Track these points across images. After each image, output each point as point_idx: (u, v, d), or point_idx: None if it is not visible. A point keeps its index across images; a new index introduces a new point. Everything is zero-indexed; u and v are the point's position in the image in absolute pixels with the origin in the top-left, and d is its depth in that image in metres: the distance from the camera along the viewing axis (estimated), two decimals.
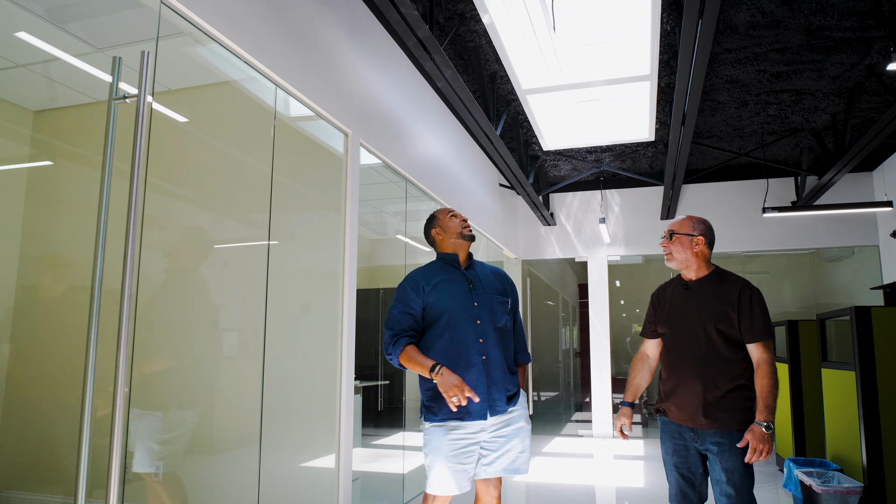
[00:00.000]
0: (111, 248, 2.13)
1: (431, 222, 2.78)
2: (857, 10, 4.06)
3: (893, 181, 6.76)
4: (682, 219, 2.61)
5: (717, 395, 2.40)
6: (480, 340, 2.54)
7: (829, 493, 3.30)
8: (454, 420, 2.50)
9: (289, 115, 3.18)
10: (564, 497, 4.60)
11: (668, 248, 2.59)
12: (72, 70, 2.71)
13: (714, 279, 2.52)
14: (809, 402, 4.77)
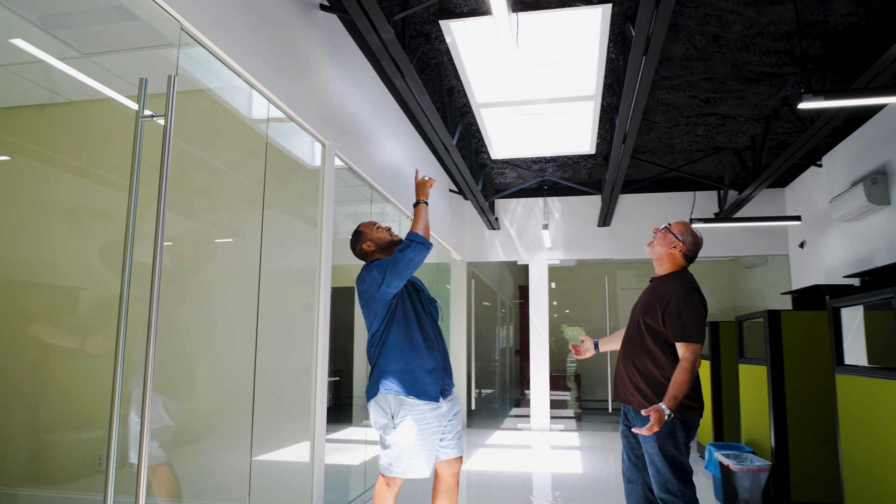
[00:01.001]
0: (84, 248, 2.34)
1: (359, 238, 3.03)
2: (775, 49, 4.62)
3: (802, 198, 7.53)
4: (682, 222, 2.90)
5: (637, 379, 2.72)
6: (433, 333, 2.91)
7: (743, 470, 3.81)
8: (421, 399, 2.78)
9: (271, 124, 3.40)
10: (504, 484, 4.98)
11: (655, 236, 2.90)
12: (39, 69, 2.80)
13: (668, 278, 2.80)
14: (727, 394, 5.35)
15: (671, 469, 2.61)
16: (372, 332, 2.91)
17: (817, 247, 7.15)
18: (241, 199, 3.18)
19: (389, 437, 2.79)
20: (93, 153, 2.87)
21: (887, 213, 5.52)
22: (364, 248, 2.99)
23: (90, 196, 2.84)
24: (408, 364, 2.82)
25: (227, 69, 2.89)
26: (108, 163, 2.78)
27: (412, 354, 2.84)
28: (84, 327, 2.68)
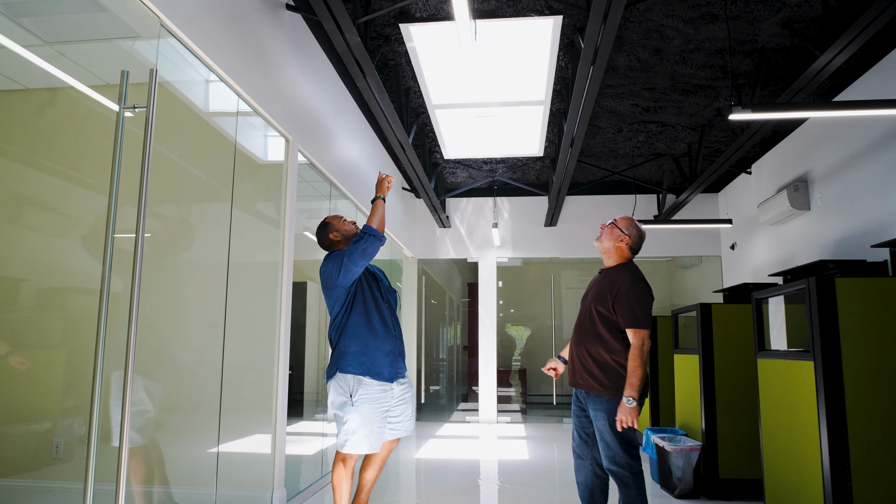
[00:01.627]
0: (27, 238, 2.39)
1: (326, 228, 3.27)
2: (710, 64, 5.00)
3: (734, 202, 8.05)
4: (627, 217, 3.13)
5: (589, 363, 2.96)
6: (390, 320, 3.16)
7: (677, 451, 4.14)
8: (376, 380, 3.01)
9: (237, 119, 3.50)
10: (453, 469, 5.19)
11: (602, 233, 3.14)
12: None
13: (617, 269, 3.05)
14: (664, 384, 5.73)
15: (620, 444, 2.87)
16: (333, 316, 3.09)
17: (746, 248, 7.66)
18: (208, 193, 3.27)
19: (347, 415, 2.97)
20: (44, 142, 2.86)
21: (807, 217, 6.01)
22: (331, 238, 3.19)
23: (33, 185, 2.81)
24: (366, 347, 3.03)
25: (193, 62, 2.98)
26: (60, 153, 2.74)
27: (370, 338, 3.05)
28: (25, 319, 2.61)
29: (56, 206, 2.51)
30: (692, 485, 4.16)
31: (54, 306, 2.54)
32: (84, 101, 2.62)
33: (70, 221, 2.57)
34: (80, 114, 2.64)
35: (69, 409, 2.57)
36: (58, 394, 2.56)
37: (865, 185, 5.03)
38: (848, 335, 2.60)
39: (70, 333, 2.48)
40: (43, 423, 2.60)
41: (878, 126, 4.85)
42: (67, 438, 2.54)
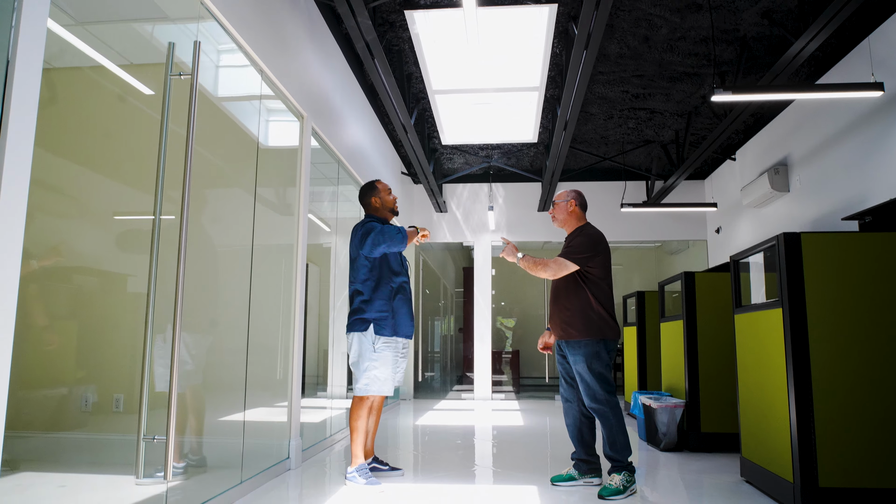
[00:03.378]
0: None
1: (372, 191, 3.70)
2: (695, 52, 5.32)
3: (719, 188, 8.40)
4: (560, 192, 3.66)
5: (566, 315, 3.38)
6: (406, 282, 3.60)
7: (662, 407, 4.48)
8: (395, 336, 3.48)
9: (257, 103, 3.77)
10: (451, 432, 5.50)
11: (553, 212, 3.63)
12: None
13: (575, 232, 3.53)
14: (651, 352, 6.07)
15: (598, 382, 3.24)
16: (363, 278, 3.45)
17: (730, 231, 8.02)
18: (231, 177, 3.48)
19: (370, 363, 3.35)
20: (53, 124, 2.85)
21: (787, 199, 6.37)
22: (372, 202, 3.64)
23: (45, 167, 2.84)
24: (393, 309, 3.52)
25: (220, 46, 3.25)
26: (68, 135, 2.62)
27: (397, 302, 3.54)
28: (42, 294, 2.52)
29: (64, 188, 2.48)
30: (676, 439, 4.49)
31: (65, 283, 2.57)
32: (102, 83, 2.63)
33: (77, 203, 2.56)
34: (93, 97, 2.64)
35: (93, 370, 2.72)
36: (74, 360, 2.67)
37: (839, 166, 5.38)
38: (812, 284, 2.93)
39: (81, 307, 2.57)
40: (63, 387, 2.71)
41: (849, 111, 5.19)
42: (91, 398, 2.71)
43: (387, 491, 3.29)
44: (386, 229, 3.51)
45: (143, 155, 2.72)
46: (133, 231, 2.78)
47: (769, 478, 3.17)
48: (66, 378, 2.55)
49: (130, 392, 2.74)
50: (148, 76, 2.80)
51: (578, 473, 3.44)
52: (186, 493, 2.77)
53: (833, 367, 2.90)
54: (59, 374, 2.52)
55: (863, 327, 2.91)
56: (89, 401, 2.87)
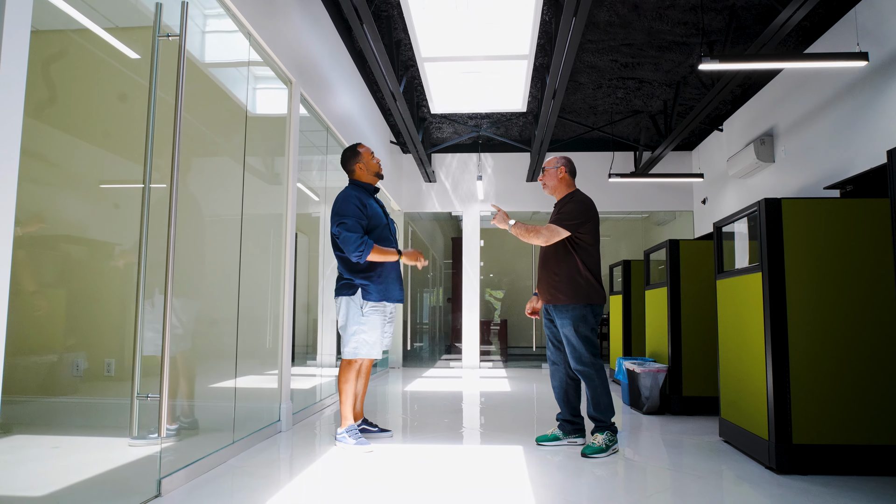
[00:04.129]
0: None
1: (355, 157, 3.68)
2: (685, 21, 5.32)
3: (706, 159, 8.46)
4: (550, 158, 3.68)
5: (554, 280, 3.45)
6: (397, 249, 3.60)
7: (645, 372, 4.58)
8: (385, 302, 3.52)
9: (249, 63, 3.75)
10: (440, 398, 5.61)
11: (543, 179, 3.65)
12: None
13: (565, 198, 3.57)
14: (636, 319, 6.18)
15: (584, 345, 3.32)
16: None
17: (716, 202, 8.10)
18: (218, 145, 3.46)
19: (356, 328, 3.39)
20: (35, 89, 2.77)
21: (772, 169, 6.43)
22: (356, 169, 3.61)
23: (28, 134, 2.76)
24: (381, 275, 3.54)
25: (209, 6, 3.23)
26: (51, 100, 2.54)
27: (385, 267, 3.56)
28: (27, 261, 2.44)
29: (48, 155, 2.42)
30: (658, 403, 4.61)
31: (52, 251, 2.54)
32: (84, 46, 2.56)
33: (61, 171, 2.52)
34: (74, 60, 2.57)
35: (82, 336, 2.74)
36: (64, 326, 2.68)
37: (823, 136, 5.44)
38: (791, 249, 3.00)
39: (69, 274, 2.57)
40: (52, 353, 2.72)
41: (835, 81, 5.23)
42: (82, 364, 2.75)
43: (375, 451, 3.37)
44: (349, 238, 3.37)
45: (129, 121, 2.72)
46: (119, 199, 2.79)
47: (746, 436, 3.28)
48: (56, 344, 2.57)
49: (121, 357, 2.78)
50: (133, 40, 2.77)
51: (563, 434, 3.54)
52: (179, 453, 2.83)
53: (809, 330, 2.99)
54: (49, 341, 2.54)
55: (839, 291, 2.99)
56: (80, 366, 2.90)
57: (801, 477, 2.90)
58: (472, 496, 2.59)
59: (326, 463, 3.12)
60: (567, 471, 3.01)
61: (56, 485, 2.32)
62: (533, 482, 2.79)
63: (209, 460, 2.96)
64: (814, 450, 2.93)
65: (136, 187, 2.60)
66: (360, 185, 3.66)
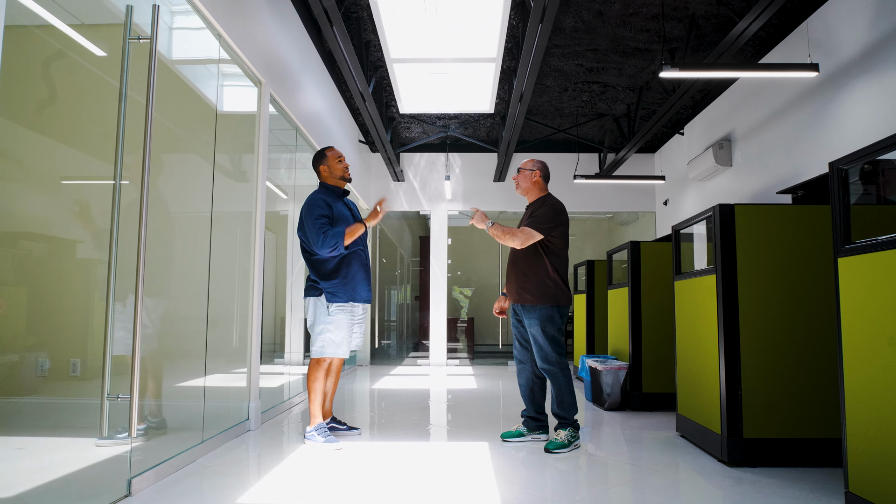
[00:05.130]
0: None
1: (322, 159, 3.75)
2: (647, 28, 5.48)
3: (668, 161, 8.69)
4: (527, 160, 3.76)
5: (524, 281, 3.55)
6: (362, 249, 3.67)
7: (607, 370, 4.73)
8: (352, 302, 3.57)
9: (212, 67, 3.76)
10: (407, 395, 5.68)
11: (517, 179, 3.73)
12: None
13: (538, 201, 3.67)
14: (598, 318, 6.35)
15: (550, 345, 3.42)
16: (315, 248, 3.53)
17: (677, 203, 8.33)
18: (187, 143, 3.46)
19: (326, 326, 3.45)
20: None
21: (729, 173, 6.66)
22: (321, 171, 3.65)
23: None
24: (348, 276, 3.59)
25: (176, 4, 3.23)
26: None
27: (353, 269, 3.61)
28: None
29: (7, 150, 2.37)
30: (619, 399, 4.76)
31: (12, 249, 2.51)
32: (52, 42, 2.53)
33: (20, 167, 2.47)
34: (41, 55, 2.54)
35: (45, 335, 2.70)
36: (25, 325, 2.64)
37: (776, 142, 5.67)
38: (743, 253, 3.15)
39: (28, 273, 2.52)
40: (14, 353, 2.67)
41: (788, 90, 5.45)
42: (46, 364, 2.71)
43: (344, 449, 3.43)
44: (315, 241, 3.46)
45: (92, 118, 2.72)
46: (82, 195, 2.78)
47: (700, 431, 3.43)
48: (17, 344, 2.55)
49: (87, 357, 2.78)
50: (100, 37, 2.77)
51: (527, 430, 3.65)
52: (148, 453, 2.85)
53: (759, 331, 3.14)
54: (10, 340, 2.53)
55: (787, 293, 3.15)
56: (44, 366, 2.89)
57: (751, 469, 3.05)
58: (439, 492, 2.67)
59: (295, 461, 3.16)
60: (531, 466, 3.12)
61: (23, 486, 2.32)
62: (498, 477, 2.88)
63: (179, 459, 2.98)
64: (763, 443, 3.09)
65: (99, 184, 2.61)
66: (328, 188, 3.71)
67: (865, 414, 2.20)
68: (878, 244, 2.12)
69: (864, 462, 2.20)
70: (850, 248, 2.27)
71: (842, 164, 2.31)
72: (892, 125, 4.13)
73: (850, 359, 2.28)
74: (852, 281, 2.27)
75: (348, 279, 3.57)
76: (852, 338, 2.27)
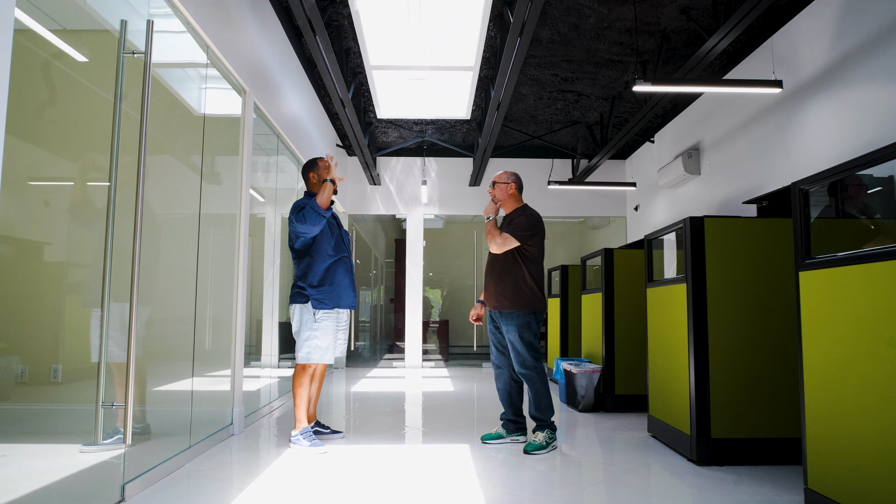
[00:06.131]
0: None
1: (314, 167, 3.82)
2: (621, 41, 5.67)
3: (639, 168, 8.93)
4: (500, 173, 3.91)
5: (502, 288, 3.69)
6: (349, 259, 3.79)
7: (581, 372, 4.89)
8: (338, 309, 3.67)
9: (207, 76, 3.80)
10: (383, 398, 5.77)
11: (492, 192, 3.87)
12: None
13: (516, 212, 3.82)
14: (572, 322, 6.52)
15: (527, 350, 3.56)
16: (302, 250, 3.60)
17: (648, 209, 8.57)
18: (176, 151, 3.51)
19: (312, 332, 3.53)
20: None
21: (698, 181, 6.90)
22: (311, 177, 3.76)
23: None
24: (334, 284, 3.70)
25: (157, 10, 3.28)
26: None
27: (338, 276, 3.71)
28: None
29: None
30: (593, 401, 4.93)
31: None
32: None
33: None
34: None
35: (18, 341, 2.69)
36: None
37: (742, 154, 5.90)
38: (712, 262, 3.33)
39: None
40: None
41: (754, 104, 5.69)
42: (24, 370, 2.71)
43: (329, 452, 3.51)
44: (297, 230, 3.64)
45: (62, 118, 2.73)
46: (49, 196, 2.79)
47: (671, 431, 3.60)
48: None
49: (68, 362, 2.81)
50: (77, 41, 2.79)
51: (506, 432, 3.78)
52: (134, 459, 2.89)
53: (726, 336, 3.32)
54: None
55: (753, 302, 3.34)
56: (22, 372, 2.91)
57: (718, 467, 3.23)
58: (426, 492, 2.78)
59: (283, 464, 3.24)
60: (510, 467, 3.24)
61: (12, 494, 2.34)
62: (480, 478, 3.00)
63: (168, 465, 3.03)
64: (730, 443, 3.26)
65: (67, 185, 2.66)
66: (313, 195, 3.79)
67: (823, 415, 2.37)
68: (836, 260, 2.30)
69: (823, 460, 2.37)
70: (811, 263, 2.44)
71: (803, 185, 2.49)
72: (851, 141, 4.37)
73: (810, 364, 2.46)
74: (812, 293, 2.44)
75: (334, 286, 3.66)
76: (812, 345, 2.45)
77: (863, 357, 2.15)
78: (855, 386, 2.19)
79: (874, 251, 2.09)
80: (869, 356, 2.12)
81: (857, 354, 2.18)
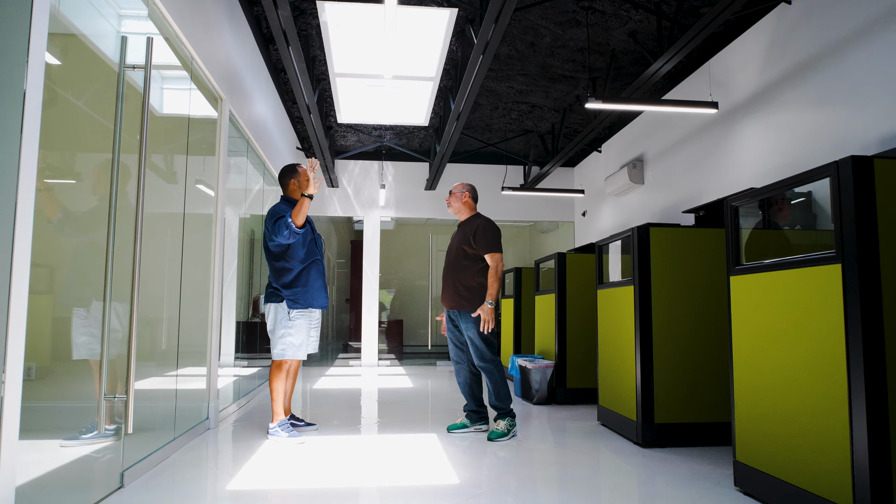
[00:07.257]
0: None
1: (293, 174, 4.02)
2: (573, 59, 6.08)
3: (586, 176, 9.41)
4: (457, 184, 4.23)
5: (460, 289, 4.00)
6: (320, 259, 4.01)
7: (536, 368, 5.25)
8: (311, 308, 3.89)
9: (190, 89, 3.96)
10: (340, 395, 6.00)
11: (449, 200, 4.19)
12: None
13: (472, 219, 4.13)
14: (525, 321, 6.90)
15: (485, 345, 3.91)
16: (278, 253, 3.79)
17: (594, 215, 9.06)
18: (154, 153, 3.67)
19: (287, 330, 3.75)
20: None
21: (642, 190, 7.39)
22: (291, 183, 3.93)
23: None
24: (308, 286, 3.92)
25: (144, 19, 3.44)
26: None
27: (311, 278, 3.92)
28: None
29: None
30: (547, 394, 5.30)
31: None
32: None
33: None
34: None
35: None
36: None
37: (682, 166, 6.41)
38: (656, 267, 3.73)
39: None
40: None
41: (693, 121, 6.20)
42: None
43: (307, 442, 3.74)
44: (276, 240, 3.80)
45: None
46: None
47: (618, 419, 3.99)
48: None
49: (42, 360, 2.94)
50: (56, 46, 2.93)
51: (470, 422, 4.09)
52: (117, 453, 3.04)
53: (668, 333, 3.73)
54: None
55: (692, 302, 3.76)
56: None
57: (661, 449, 3.63)
58: (405, 474, 3.06)
59: (266, 453, 3.45)
60: (476, 453, 3.55)
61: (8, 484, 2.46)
62: (451, 461, 3.30)
63: (156, 456, 3.20)
64: (671, 427, 3.67)
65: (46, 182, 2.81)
66: (291, 202, 3.99)
67: (748, 397, 2.78)
68: (761, 267, 2.70)
69: (748, 436, 2.77)
70: (740, 269, 2.85)
71: (734, 202, 2.89)
72: (776, 160, 4.88)
73: (738, 354, 2.86)
74: (741, 295, 2.84)
75: (308, 287, 3.88)
76: (740, 338, 2.85)
77: (778, 346, 2.55)
78: (772, 370, 2.59)
79: (793, 259, 2.50)
80: (783, 344, 2.52)
81: (774, 344, 2.59)
